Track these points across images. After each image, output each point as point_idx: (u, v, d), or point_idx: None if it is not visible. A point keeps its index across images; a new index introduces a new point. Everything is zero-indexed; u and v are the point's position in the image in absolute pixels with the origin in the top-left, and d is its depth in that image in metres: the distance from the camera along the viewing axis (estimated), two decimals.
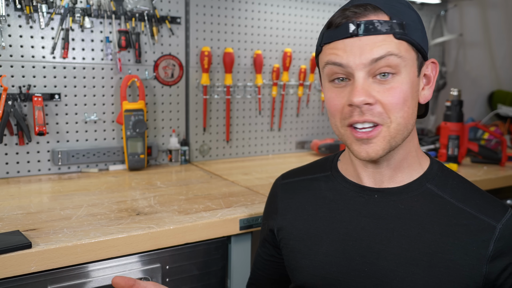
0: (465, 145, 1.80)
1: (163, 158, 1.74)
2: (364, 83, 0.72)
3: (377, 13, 0.73)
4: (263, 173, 1.63)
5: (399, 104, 0.72)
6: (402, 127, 0.74)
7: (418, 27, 0.75)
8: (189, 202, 1.23)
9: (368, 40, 0.71)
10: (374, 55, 0.71)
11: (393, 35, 0.72)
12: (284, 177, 0.96)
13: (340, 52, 0.73)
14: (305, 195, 0.89)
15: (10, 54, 1.43)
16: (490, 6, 2.67)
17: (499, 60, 2.78)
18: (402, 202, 0.79)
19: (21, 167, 1.49)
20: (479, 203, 0.76)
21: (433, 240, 0.74)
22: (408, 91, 0.73)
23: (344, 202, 0.83)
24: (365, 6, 0.73)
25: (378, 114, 0.73)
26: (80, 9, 1.50)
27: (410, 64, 0.74)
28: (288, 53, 1.92)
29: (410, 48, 0.74)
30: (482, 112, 2.75)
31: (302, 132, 2.08)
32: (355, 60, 0.72)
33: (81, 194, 1.28)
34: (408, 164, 0.80)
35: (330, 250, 0.81)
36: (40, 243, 0.90)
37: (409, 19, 0.74)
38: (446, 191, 0.78)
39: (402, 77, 0.73)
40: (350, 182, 0.84)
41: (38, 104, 1.44)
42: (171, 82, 1.72)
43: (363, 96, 0.71)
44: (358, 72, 0.72)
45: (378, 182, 0.81)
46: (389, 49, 0.71)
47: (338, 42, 0.74)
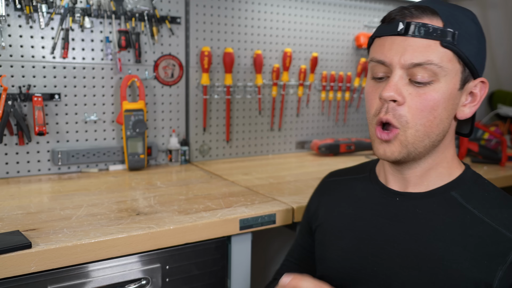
0: (465, 145, 1.80)
1: (163, 158, 1.74)
2: (399, 81, 0.73)
3: (432, 18, 0.73)
4: (263, 173, 1.63)
5: (424, 111, 0.73)
6: (421, 134, 0.74)
7: (473, 41, 0.74)
8: (189, 202, 1.23)
9: (413, 41, 0.72)
10: (414, 59, 0.72)
11: (440, 42, 0.72)
12: (331, 175, 1.01)
13: (385, 49, 0.75)
14: (342, 193, 0.93)
15: (10, 54, 1.43)
16: (490, 6, 2.67)
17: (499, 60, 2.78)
18: (420, 207, 0.79)
19: (21, 167, 1.49)
20: (506, 217, 0.72)
21: (442, 247, 0.73)
22: (440, 100, 0.73)
23: (369, 202, 0.86)
24: (424, 9, 0.73)
25: (399, 116, 0.73)
26: (80, 9, 1.50)
27: (451, 75, 0.73)
28: (288, 53, 1.92)
29: (456, 59, 0.73)
30: (482, 112, 2.75)
31: (302, 132, 2.08)
32: (396, 59, 0.73)
33: (81, 194, 1.28)
34: (437, 173, 0.80)
35: (348, 246, 0.84)
36: (40, 243, 0.90)
37: (465, 31, 0.73)
38: (470, 201, 0.76)
39: (439, 86, 0.72)
40: (379, 184, 0.87)
41: (38, 104, 1.44)
42: (171, 82, 1.72)
43: (393, 91, 0.72)
44: (396, 70, 0.73)
45: (403, 186, 0.83)
46: (429, 57, 0.71)
47: (387, 38, 0.75)
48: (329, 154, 1.97)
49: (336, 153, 1.98)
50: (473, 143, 1.83)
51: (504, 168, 1.80)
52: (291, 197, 1.29)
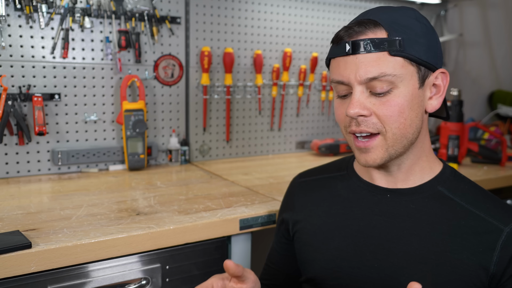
0: (465, 145, 1.80)
1: (163, 158, 1.74)
2: (360, 96, 0.77)
3: (375, 30, 0.76)
4: (263, 173, 1.63)
5: (393, 116, 0.76)
6: (399, 136, 0.78)
7: (420, 40, 0.76)
8: (189, 202, 1.23)
9: (363, 58, 0.75)
10: (368, 74, 0.75)
11: (388, 52, 0.75)
12: (302, 176, 1.01)
13: (341, 69, 0.79)
14: (320, 192, 0.93)
15: (10, 54, 1.43)
16: (490, 6, 2.67)
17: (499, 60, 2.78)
18: (413, 202, 0.82)
19: (21, 167, 1.49)
20: (489, 207, 0.79)
21: (441, 239, 0.77)
22: (404, 104, 0.76)
23: (357, 200, 0.87)
24: (366, 24, 0.77)
25: (373, 124, 0.77)
26: (80, 9, 1.50)
27: (408, 78, 0.76)
28: (288, 53, 1.92)
29: (407, 63, 0.76)
30: (482, 112, 2.75)
31: (302, 132, 2.08)
32: (352, 77, 0.77)
33: (81, 194, 1.28)
34: (420, 168, 0.84)
35: (342, 245, 0.85)
36: (40, 243, 0.90)
37: (411, 33, 0.76)
38: (457, 194, 0.81)
39: (399, 91, 0.76)
40: (364, 182, 0.88)
41: (38, 104, 1.44)
42: (171, 82, 1.72)
43: (357, 108, 0.76)
44: (355, 86, 0.77)
45: (391, 183, 0.85)
46: (382, 70, 0.75)
47: (340, 58, 0.79)
48: (329, 154, 1.97)
49: (336, 153, 1.98)
50: (473, 143, 1.83)
51: (504, 168, 1.80)
52: None
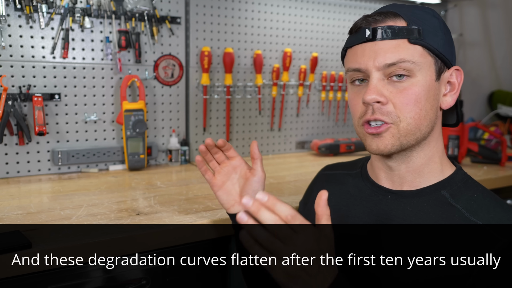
0: (465, 145, 1.80)
1: (163, 158, 1.74)
2: (378, 83, 0.76)
3: (395, 19, 0.77)
4: None
5: (409, 104, 0.75)
6: (413, 127, 0.76)
7: (438, 33, 0.77)
8: (189, 202, 1.23)
9: (383, 44, 0.75)
10: (387, 60, 0.75)
11: (408, 40, 0.75)
12: (326, 169, 1.02)
13: (358, 57, 0.78)
14: (335, 188, 0.93)
15: (10, 54, 1.43)
16: (490, 6, 2.67)
17: (499, 60, 2.78)
18: (411, 205, 0.80)
19: (21, 167, 1.49)
20: (494, 217, 0.75)
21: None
22: (421, 93, 0.76)
23: (360, 199, 0.87)
24: (386, 13, 0.77)
25: (388, 113, 0.76)
26: (80, 9, 1.50)
27: (425, 68, 0.76)
28: (288, 53, 1.92)
29: (426, 53, 0.76)
30: (482, 112, 2.75)
31: (302, 132, 2.08)
32: (370, 63, 0.76)
33: (81, 194, 1.28)
34: (429, 170, 0.82)
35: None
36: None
37: (429, 26, 0.77)
38: (460, 201, 0.78)
39: (416, 80, 0.75)
40: (370, 181, 0.88)
41: (38, 104, 1.44)
42: (171, 82, 1.72)
43: (374, 94, 0.75)
44: (373, 73, 0.76)
45: (396, 184, 0.83)
46: (401, 56, 0.74)
47: (357, 46, 0.78)
48: (329, 154, 1.97)
49: (336, 153, 1.98)
50: (473, 143, 1.83)
51: (504, 168, 1.80)
52: (291, 197, 1.29)
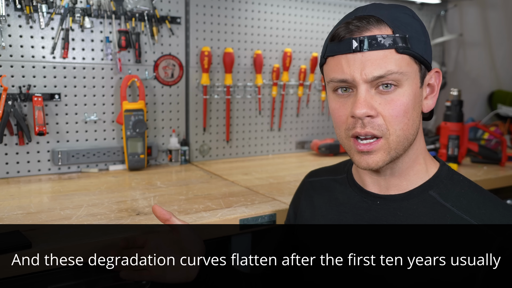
0: (465, 145, 1.80)
1: (163, 158, 1.74)
2: (366, 95, 0.73)
3: (379, 27, 0.73)
4: (263, 173, 1.63)
5: (399, 116, 0.74)
6: (402, 138, 0.76)
7: (421, 38, 0.75)
8: (189, 202, 1.23)
9: (370, 55, 0.73)
10: (374, 73, 0.72)
11: (395, 50, 0.73)
12: (311, 175, 1.00)
13: (344, 68, 0.74)
14: (323, 195, 0.92)
15: (10, 54, 1.43)
16: (490, 6, 2.67)
17: (499, 60, 2.78)
18: (401, 209, 0.79)
19: (21, 167, 1.49)
20: (485, 213, 0.74)
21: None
22: (409, 103, 0.74)
23: (350, 206, 0.85)
24: (368, 19, 0.74)
25: (378, 126, 0.74)
26: (80, 9, 1.50)
27: (412, 77, 0.75)
28: (288, 53, 1.92)
29: (413, 61, 0.74)
30: (482, 112, 2.75)
31: (302, 132, 2.08)
32: (357, 75, 0.73)
33: (81, 194, 1.28)
34: (414, 171, 0.81)
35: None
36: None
37: (413, 31, 0.75)
38: (449, 199, 0.77)
39: (403, 90, 0.74)
40: (357, 187, 0.86)
41: (38, 104, 1.44)
42: (171, 82, 1.72)
43: (365, 108, 0.73)
44: (361, 85, 0.73)
45: (383, 189, 0.82)
46: (389, 68, 0.72)
47: (341, 56, 0.75)
48: (329, 154, 1.97)
49: (336, 153, 1.98)
50: (473, 143, 1.83)
51: (504, 168, 1.80)
52: (291, 197, 1.29)
